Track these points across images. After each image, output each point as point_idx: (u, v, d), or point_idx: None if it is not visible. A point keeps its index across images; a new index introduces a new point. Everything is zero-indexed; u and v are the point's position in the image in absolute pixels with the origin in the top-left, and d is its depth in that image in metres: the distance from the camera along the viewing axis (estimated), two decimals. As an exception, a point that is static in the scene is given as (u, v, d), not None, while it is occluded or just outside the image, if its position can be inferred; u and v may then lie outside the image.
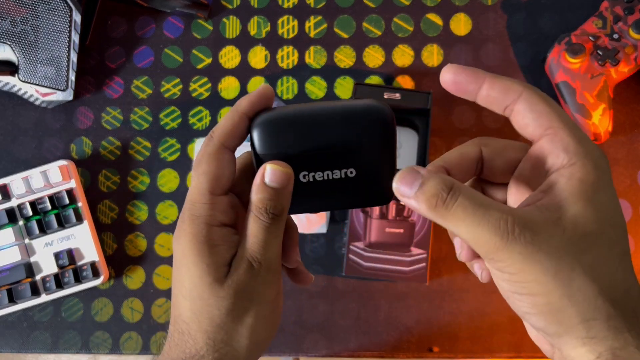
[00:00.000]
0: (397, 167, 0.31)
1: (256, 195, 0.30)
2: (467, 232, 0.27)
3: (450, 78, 0.30)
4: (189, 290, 0.31)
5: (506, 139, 0.32)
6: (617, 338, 0.26)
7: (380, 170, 0.31)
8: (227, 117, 0.32)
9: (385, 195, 0.32)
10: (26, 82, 0.64)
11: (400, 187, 0.28)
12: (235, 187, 0.33)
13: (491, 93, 0.30)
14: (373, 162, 0.31)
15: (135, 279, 0.65)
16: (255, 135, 0.31)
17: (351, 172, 0.31)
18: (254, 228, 0.31)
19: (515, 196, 0.31)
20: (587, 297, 0.26)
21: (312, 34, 0.68)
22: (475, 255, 0.32)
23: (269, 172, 0.30)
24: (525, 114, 0.28)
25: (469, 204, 0.26)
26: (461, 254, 0.32)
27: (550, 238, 0.26)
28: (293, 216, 0.35)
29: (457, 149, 0.32)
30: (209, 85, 0.67)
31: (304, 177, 0.31)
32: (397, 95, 0.61)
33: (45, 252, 0.63)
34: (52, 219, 0.62)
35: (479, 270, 0.32)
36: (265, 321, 0.32)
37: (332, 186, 0.31)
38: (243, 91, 0.67)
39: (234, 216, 0.32)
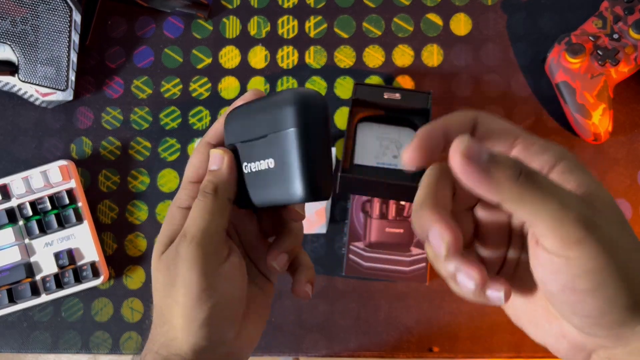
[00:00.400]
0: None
1: (204, 178, 0.34)
2: (549, 219, 0.24)
3: (414, 157, 0.27)
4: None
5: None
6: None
7: (297, 163, 0.29)
8: (218, 120, 0.35)
9: (298, 192, 0.29)
10: (26, 82, 0.64)
11: (468, 155, 0.23)
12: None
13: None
14: (290, 152, 0.29)
15: (135, 279, 0.65)
16: (224, 126, 0.34)
17: (270, 163, 0.30)
18: (192, 207, 0.33)
19: None
20: (628, 306, 0.25)
21: (312, 34, 0.68)
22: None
23: (211, 157, 0.33)
24: (491, 133, 0.28)
25: (553, 188, 0.24)
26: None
27: (611, 234, 0.25)
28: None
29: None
30: (209, 85, 0.67)
31: (245, 167, 0.32)
32: (397, 95, 0.61)
33: (45, 252, 0.63)
34: (52, 219, 0.62)
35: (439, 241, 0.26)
36: (197, 300, 0.31)
37: (262, 178, 0.31)
38: (243, 91, 0.67)
39: None
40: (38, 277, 0.62)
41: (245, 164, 0.32)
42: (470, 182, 0.24)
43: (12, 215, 0.62)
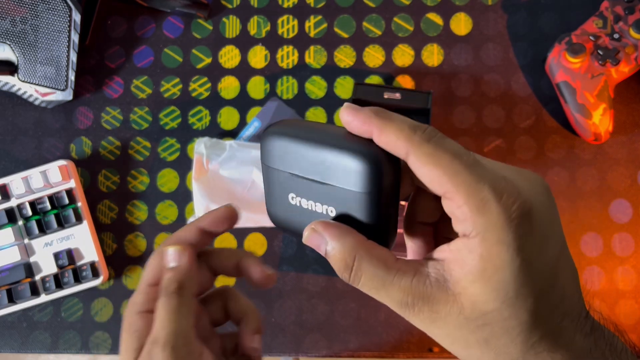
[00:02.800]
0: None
1: (163, 277, 0.32)
2: (379, 300, 0.28)
3: (346, 120, 0.28)
4: None
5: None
6: None
7: (359, 222, 0.29)
8: (186, 227, 0.34)
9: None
10: (26, 82, 0.64)
11: (312, 245, 0.29)
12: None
13: (382, 145, 0.27)
14: (353, 209, 0.29)
15: (135, 279, 0.65)
16: (263, 145, 0.31)
17: (331, 211, 0.30)
18: (157, 310, 0.32)
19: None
20: (487, 359, 0.27)
21: (312, 34, 0.67)
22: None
23: (167, 254, 0.32)
24: (419, 177, 0.26)
25: (371, 284, 0.27)
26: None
27: (447, 316, 0.26)
28: None
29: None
30: (209, 85, 0.67)
31: (292, 198, 0.31)
32: (397, 95, 0.61)
33: (44, 252, 0.63)
34: (52, 219, 0.62)
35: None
36: None
37: (314, 217, 0.30)
38: (243, 91, 0.67)
39: None
40: (38, 277, 0.62)
41: (292, 195, 0.31)
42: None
43: (11, 215, 0.62)
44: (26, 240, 0.63)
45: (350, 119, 0.28)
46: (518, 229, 0.25)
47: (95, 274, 0.62)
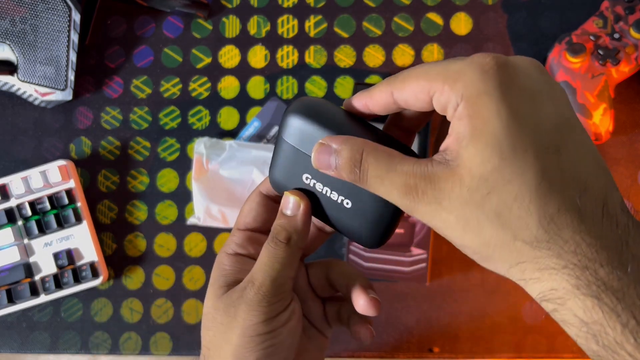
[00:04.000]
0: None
1: (275, 222, 0.33)
2: (386, 198, 0.27)
3: (363, 104, 0.31)
4: (204, 305, 0.35)
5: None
6: (552, 278, 0.24)
7: (382, 227, 0.31)
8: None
9: (368, 243, 0.32)
10: (25, 82, 0.64)
11: (321, 167, 0.29)
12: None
13: (376, 111, 0.31)
14: (370, 207, 0.30)
15: (134, 279, 0.65)
16: (286, 120, 0.31)
17: (347, 203, 0.31)
18: (262, 253, 0.33)
19: None
20: (504, 243, 0.25)
21: (312, 34, 0.67)
22: None
23: (287, 201, 0.32)
24: (409, 103, 0.28)
25: (377, 175, 0.27)
26: None
27: (451, 192, 0.25)
28: None
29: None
30: (209, 84, 0.67)
31: (306, 178, 0.31)
32: (398, 95, 0.61)
33: (44, 252, 0.63)
34: (52, 219, 0.62)
35: None
36: (251, 342, 0.32)
37: (327, 202, 0.31)
38: (243, 91, 0.67)
39: (256, 249, 0.35)
40: (37, 278, 0.62)
41: (307, 175, 0.31)
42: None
43: (11, 216, 0.62)
44: (26, 241, 0.63)
45: (366, 100, 0.31)
46: (496, 76, 0.25)
47: (95, 274, 0.62)
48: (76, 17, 0.63)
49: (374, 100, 0.30)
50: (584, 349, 0.24)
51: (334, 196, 0.31)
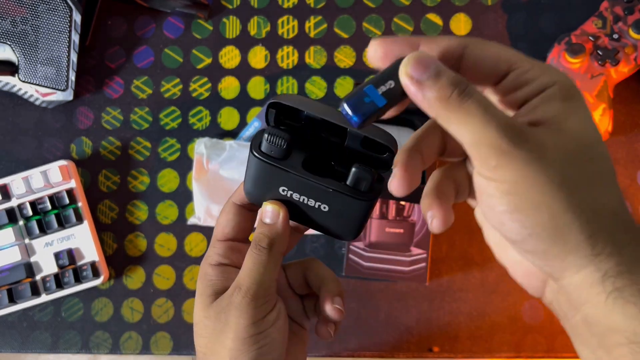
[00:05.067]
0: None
1: (256, 230, 0.35)
2: (473, 131, 0.25)
3: (380, 51, 0.28)
4: (194, 316, 0.36)
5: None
6: (621, 253, 0.25)
7: (357, 222, 0.33)
8: (242, 185, 0.36)
9: (347, 237, 0.34)
10: (26, 82, 0.64)
11: (411, 69, 0.25)
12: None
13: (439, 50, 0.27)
14: (353, 214, 0.32)
15: (135, 279, 0.65)
16: (257, 137, 0.33)
17: (324, 207, 0.33)
18: (246, 259, 0.34)
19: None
20: (593, 209, 0.25)
21: (312, 34, 0.68)
22: (436, 198, 0.29)
23: (265, 210, 0.34)
24: (482, 62, 0.27)
25: (482, 102, 0.25)
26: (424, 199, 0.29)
27: (558, 146, 0.25)
28: None
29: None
30: (209, 85, 0.67)
31: (282, 190, 0.33)
32: (397, 95, 0.61)
33: (45, 252, 0.63)
34: (52, 219, 0.62)
35: (431, 219, 0.29)
36: (245, 344, 0.33)
37: (305, 208, 0.33)
38: (243, 91, 0.67)
39: (237, 258, 0.36)
40: (38, 277, 0.62)
41: (283, 188, 0.33)
42: (411, 97, 0.26)
43: (12, 215, 0.62)
44: (27, 240, 0.63)
45: (388, 46, 0.28)
46: (578, 89, 0.27)
47: (96, 273, 0.62)
48: (77, 17, 0.63)
49: (435, 45, 0.27)
50: (636, 337, 0.24)
51: (311, 202, 0.32)
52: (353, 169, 0.31)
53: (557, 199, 0.24)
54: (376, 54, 0.28)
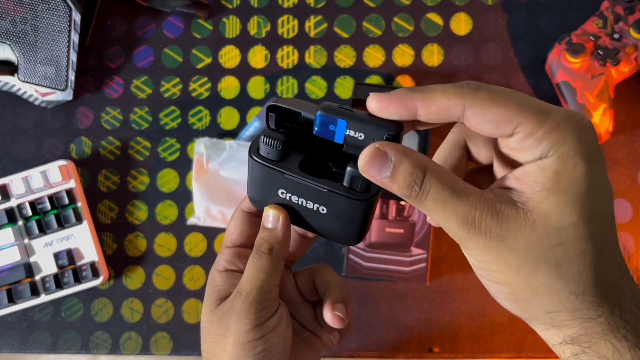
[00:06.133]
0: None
1: (258, 235, 0.35)
2: (438, 221, 0.27)
3: (378, 108, 0.28)
4: (200, 321, 0.36)
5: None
6: (582, 326, 0.26)
7: (359, 225, 0.32)
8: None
9: (348, 242, 0.33)
10: (26, 82, 0.64)
11: (368, 170, 0.27)
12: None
13: (431, 118, 0.27)
14: (354, 216, 0.32)
15: (135, 279, 0.65)
16: (257, 140, 0.33)
17: (322, 210, 0.32)
18: (247, 265, 0.35)
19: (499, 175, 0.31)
20: (551, 291, 0.26)
21: (312, 34, 0.67)
22: None
23: (267, 215, 0.34)
24: (482, 126, 0.26)
25: (439, 197, 0.26)
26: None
27: (518, 233, 0.25)
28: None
29: (445, 146, 0.31)
30: (209, 85, 0.67)
31: (281, 193, 0.33)
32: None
33: (44, 252, 0.63)
34: (52, 219, 0.62)
35: None
36: (244, 349, 0.34)
37: (305, 212, 0.33)
38: (243, 91, 0.67)
39: (245, 264, 0.36)
40: (38, 277, 0.62)
41: (282, 190, 0.32)
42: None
43: (11, 215, 0.62)
44: (26, 240, 0.63)
45: (384, 105, 0.27)
46: (592, 141, 0.25)
47: (95, 274, 0.62)
48: (76, 17, 0.63)
49: (433, 105, 0.27)
50: None
51: (310, 205, 0.32)
52: (348, 168, 0.30)
53: (516, 279, 0.26)
54: (375, 110, 0.28)
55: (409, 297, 0.63)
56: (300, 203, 0.32)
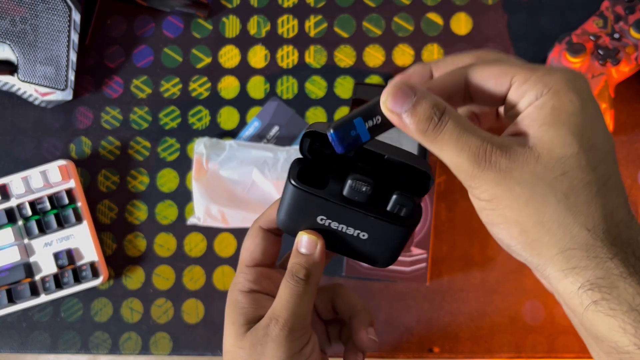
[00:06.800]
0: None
1: (290, 260, 0.34)
2: (449, 158, 0.27)
3: (400, 79, 0.30)
4: (224, 344, 0.35)
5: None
6: (598, 267, 0.25)
7: (396, 249, 0.33)
8: (271, 205, 0.36)
9: (384, 264, 0.34)
10: (25, 82, 0.64)
11: (390, 103, 0.27)
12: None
13: (441, 81, 0.29)
14: (393, 241, 0.32)
15: (134, 279, 0.65)
16: (295, 164, 0.32)
17: (363, 235, 0.32)
18: (281, 289, 0.34)
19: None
20: (562, 225, 0.26)
21: (312, 34, 0.67)
22: None
23: (302, 240, 0.33)
24: (485, 83, 0.28)
25: (455, 130, 0.27)
26: None
27: (525, 165, 0.26)
28: None
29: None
30: (209, 84, 0.67)
31: (321, 219, 0.32)
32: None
33: (44, 252, 0.63)
34: (52, 219, 0.62)
35: None
36: None
37: (344, 237, 0.33)
38: (243, 91, 0.67)
39: (268, 285, 0.36)
40: (37, 277, 0.62)
41: (322, 217, 0.32)
42: (392, 120, 0.28)
43: (11, 215, 0.62)
44: (26, 240, 0.63)
45: (405, 78, 0.29)
46: (585, 82, 0.27)
47: (95, 274, 0.62)
48: (76, 17, 0.63)
49: (442, 66, 0.29)
50: (622, 342, 0.25)
51: (350, 231, 0.32)
52: (394, 196, 0.31)
53: (525, 214, 0.26)
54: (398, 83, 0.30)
55: (409, 297, 0.63)
56: (340, 229, 0.32)
